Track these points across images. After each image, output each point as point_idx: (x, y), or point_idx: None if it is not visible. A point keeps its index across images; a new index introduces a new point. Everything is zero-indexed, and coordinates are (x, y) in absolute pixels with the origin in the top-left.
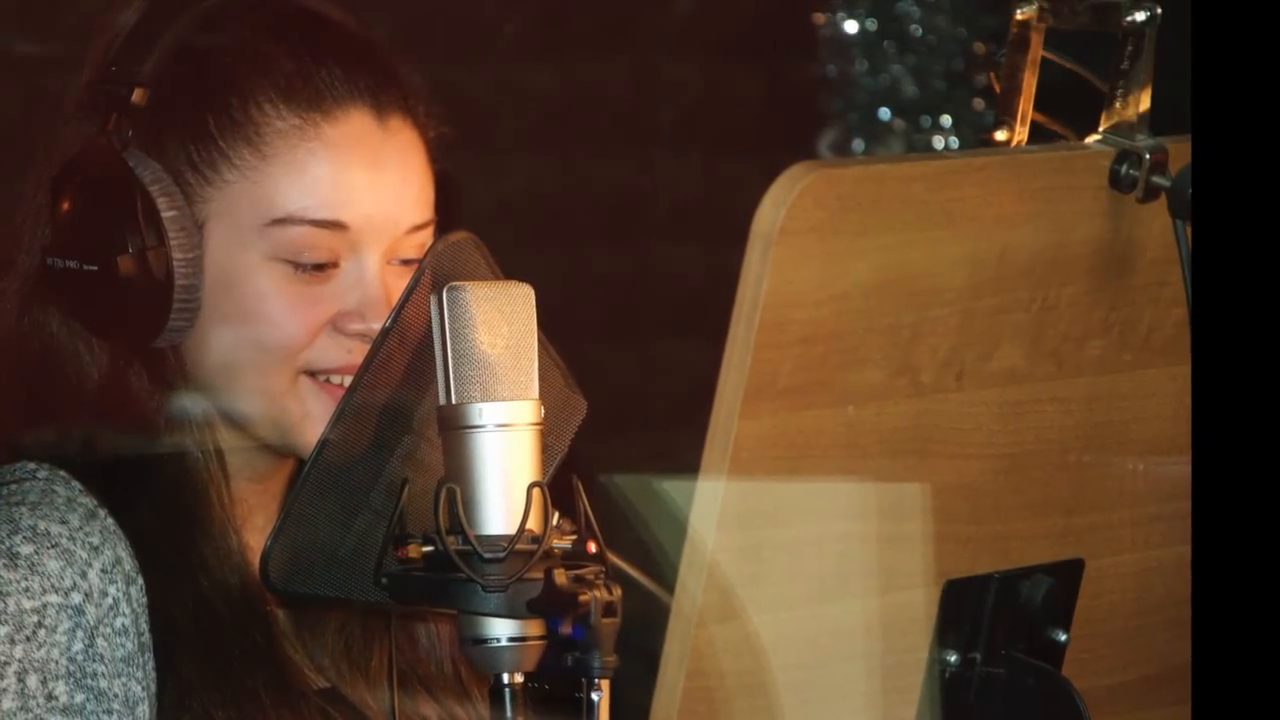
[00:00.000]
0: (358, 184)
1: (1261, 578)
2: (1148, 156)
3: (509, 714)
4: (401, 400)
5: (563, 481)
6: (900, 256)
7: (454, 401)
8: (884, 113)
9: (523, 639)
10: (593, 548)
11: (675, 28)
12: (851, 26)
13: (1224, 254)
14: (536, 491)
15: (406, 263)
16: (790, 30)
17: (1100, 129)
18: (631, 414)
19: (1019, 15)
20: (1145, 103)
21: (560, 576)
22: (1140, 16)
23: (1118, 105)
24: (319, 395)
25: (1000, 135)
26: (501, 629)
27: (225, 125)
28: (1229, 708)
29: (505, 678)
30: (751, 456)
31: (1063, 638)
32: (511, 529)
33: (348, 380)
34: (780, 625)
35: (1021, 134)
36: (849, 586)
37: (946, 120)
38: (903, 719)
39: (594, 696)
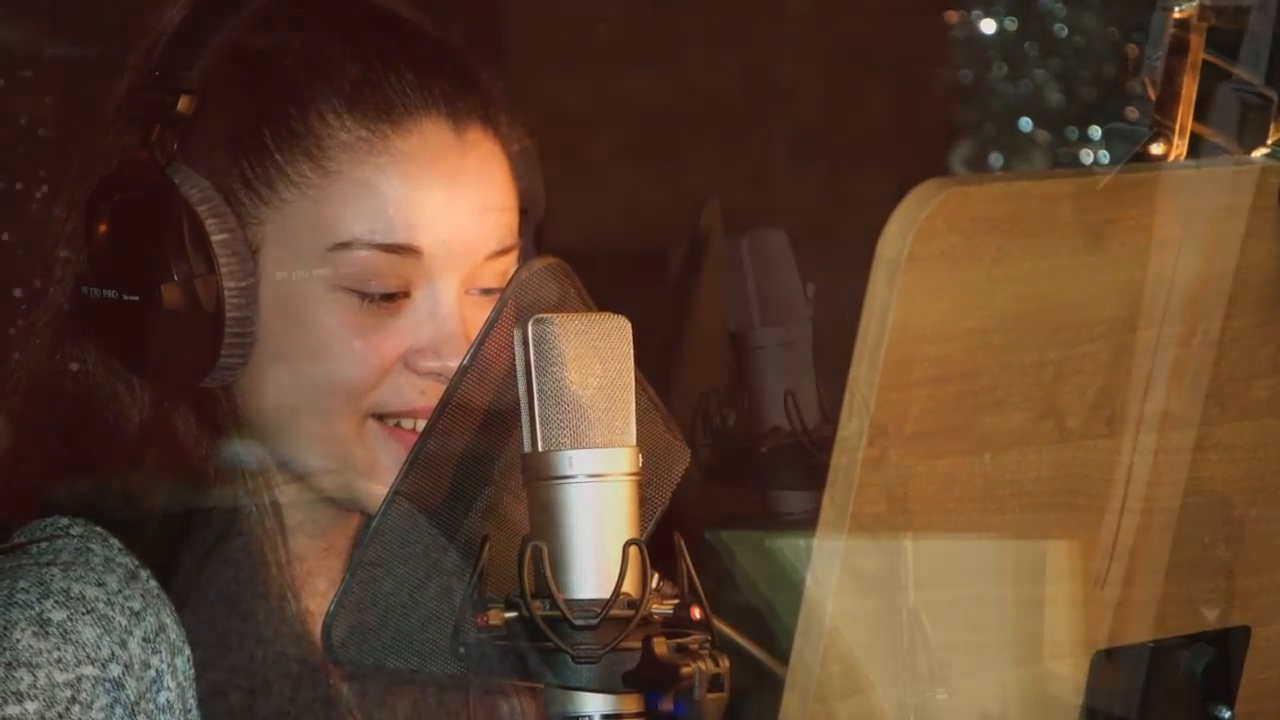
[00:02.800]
0: (432, 204)
1: None
2: None
3: None
4: (481, 447)
5: (663, 538)
6: (1043, 285)
7: (540, 449)
8: (1025, 123)
9: (618, 716)
10: (697, 613)
11: (791, 28)
12: (988, 26)
13: None
14: (634, 550)
15: (487, 292)
16: (920, 31)
17: (1269, 141)
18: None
19: (1177, 13)
20: None
21: (660, 646)
22: None
23: None
24: (388, 441)
25: (1156, 149)
26: (594, 704)
27: (283, 137)
28: None
29: None
30: (875, 511)
31: (1227, 715)
32: (605, 592)
33: (420, 425)
34: (908, 701)
35: (1180, 147)
36: (986, 657)
37: (1095, 132)
38: None
39: None
